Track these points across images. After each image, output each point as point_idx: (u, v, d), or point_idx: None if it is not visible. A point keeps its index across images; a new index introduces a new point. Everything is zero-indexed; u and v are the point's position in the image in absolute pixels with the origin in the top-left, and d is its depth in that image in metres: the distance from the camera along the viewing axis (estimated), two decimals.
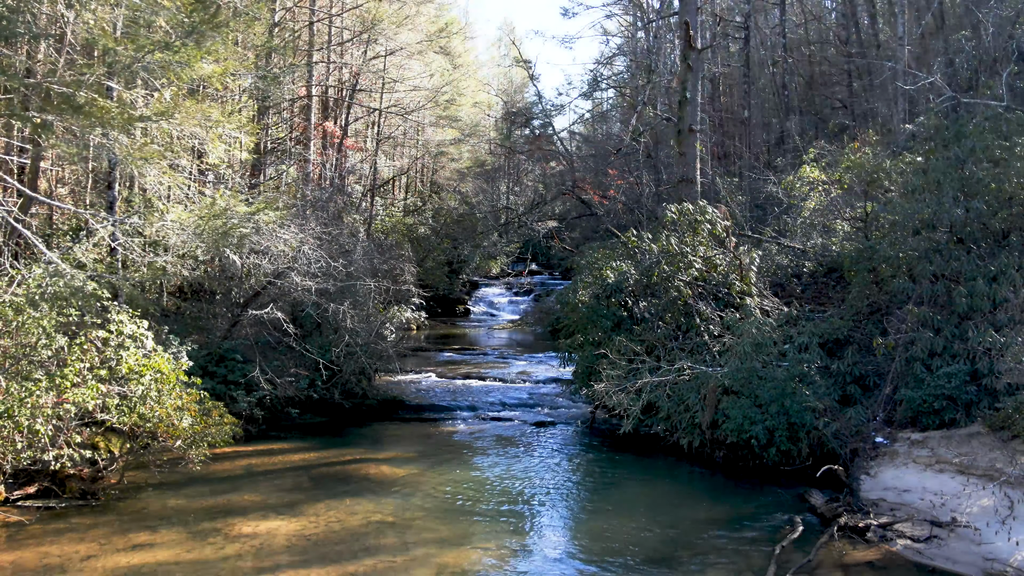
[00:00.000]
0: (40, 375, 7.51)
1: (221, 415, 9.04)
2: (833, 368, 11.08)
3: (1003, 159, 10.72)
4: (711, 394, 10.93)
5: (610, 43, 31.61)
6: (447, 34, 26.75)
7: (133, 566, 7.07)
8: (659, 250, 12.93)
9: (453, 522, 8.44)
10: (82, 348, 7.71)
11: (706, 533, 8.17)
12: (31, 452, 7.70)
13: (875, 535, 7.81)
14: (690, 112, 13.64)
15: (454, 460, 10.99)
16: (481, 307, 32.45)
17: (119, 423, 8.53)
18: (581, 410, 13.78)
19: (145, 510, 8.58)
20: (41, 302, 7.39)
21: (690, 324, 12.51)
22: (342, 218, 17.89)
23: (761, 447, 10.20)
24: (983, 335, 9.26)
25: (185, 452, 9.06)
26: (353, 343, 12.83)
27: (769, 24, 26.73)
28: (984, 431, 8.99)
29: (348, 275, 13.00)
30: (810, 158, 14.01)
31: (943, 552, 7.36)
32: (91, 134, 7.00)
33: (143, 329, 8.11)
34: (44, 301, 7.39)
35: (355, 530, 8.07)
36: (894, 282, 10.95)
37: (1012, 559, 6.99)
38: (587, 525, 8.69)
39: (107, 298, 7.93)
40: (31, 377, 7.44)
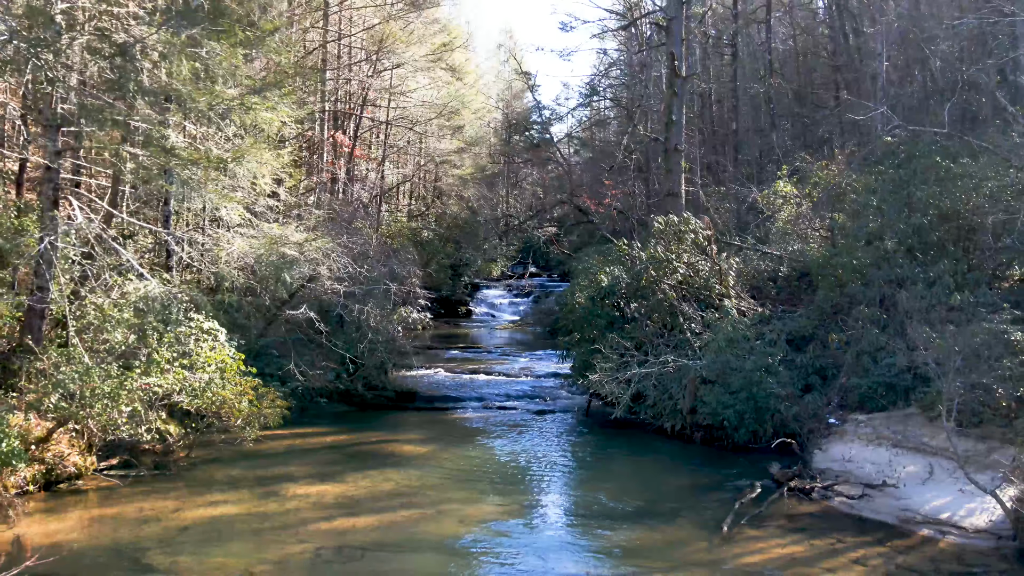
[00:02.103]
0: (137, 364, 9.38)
1: (274, 399, 10.92)
2: (798, 361, 12.97)
3: (945, 180, 12.63)
4: (691, 384, 12.83)
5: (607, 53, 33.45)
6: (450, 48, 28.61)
7: (215, 516, 8.94)
8: (647, 257, 14.82)
9: (470, 487, 10.32)
10: (168, 342, 9.58)
11: (682, 495, 10.06)
12: (128, 428, 9.56)
13: (818, 494, 9.71)
14: (675, 133, 15.55)
15: (466, 441, 12.87)
16: (482, 308, 34.28)
17: (190, 405, 10.39)
18: (578, 400, 15.64)
19: (211, 478, 10.44)
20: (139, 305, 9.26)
21: (674, 323, 14.38)
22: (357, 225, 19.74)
23: (732, 428, 12.09)
24: (918, 331, 11.14)
25: (241, 431, 10.91)
26: (375, 340, 14.70)
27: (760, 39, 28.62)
28: (917, 412, 10.89)
29: (370, 279, 14.88)
30: (783, 175, 15.89)
31: (870, 506, 9.25)
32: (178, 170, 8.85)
33: (216, 326, 9.99)
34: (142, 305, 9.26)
35: (389, 492, 9.95)
36: (849, 286, 12.85)
37: (921, 508, 8.89)
38: (581, 489, 10.58)
39: (188, 302, 9.81)
40: (130, 366, 9.31)
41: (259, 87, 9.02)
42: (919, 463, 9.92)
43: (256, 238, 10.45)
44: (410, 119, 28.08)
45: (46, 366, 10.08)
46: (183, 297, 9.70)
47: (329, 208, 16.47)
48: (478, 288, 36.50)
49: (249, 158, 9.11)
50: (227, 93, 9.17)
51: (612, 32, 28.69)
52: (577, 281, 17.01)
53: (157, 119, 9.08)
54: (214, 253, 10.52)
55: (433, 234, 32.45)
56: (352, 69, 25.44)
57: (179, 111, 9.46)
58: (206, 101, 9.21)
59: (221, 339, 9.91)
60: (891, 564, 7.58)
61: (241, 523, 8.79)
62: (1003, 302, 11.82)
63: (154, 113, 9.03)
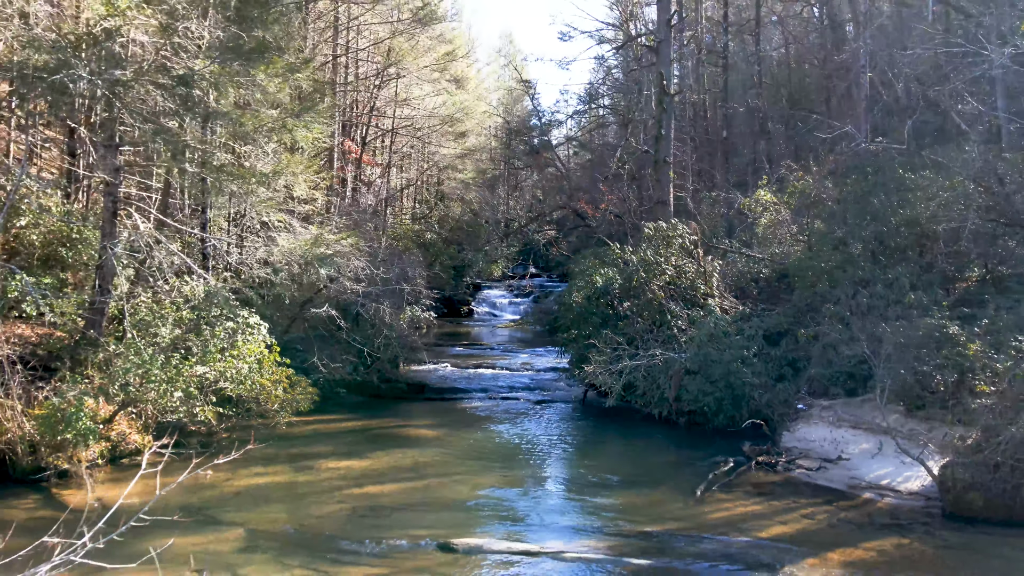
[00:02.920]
0: (194, 354, 10.97)
1: (305, 387, 12.49)
2: (772, 354, 14.56)
3: (904, 191, 14.22)
4: (676, 374, 14.41)
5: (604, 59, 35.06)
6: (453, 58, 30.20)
7: (261, 484, 10.51)
8: (638, 260, 16.41)
9: (479, 462, 11.90)
10: (218, 335, 11.15)
11: (665, 469, 11.64)
12: (184, 411, 11.14)
13: (782, 467, 11.29)
14: (664, 147, 17.14)
15: (474, 426, 14.45)
16: (484, 308, 35.88)
17: (233, 392, 11.97)
18: (575, 391, 17.22)
19: (252, 456, 11.93)
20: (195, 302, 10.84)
21: (663, 320, 15.95)
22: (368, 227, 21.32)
23: (712, 413, 13.69)
24: (859, 325, 12.73)
25: (276, 416, 12.48)
26: (390, 336, 16.28)
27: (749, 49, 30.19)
28: (873, 398, 12.47)
29: (384, 280, 16.46)
30: (764, 184, 17.48)
31: (825, 476, 10.83)
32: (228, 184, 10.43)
33: (259, 320, 11.57)
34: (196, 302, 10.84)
35: (408, 466, 11.53)
36: (819, 286, 14.44)
37: (867, 477, 10.47)
38: (577, 465, 12.17)
39: (235, 300, 11.38)
40: (185, 356, 10.89)
41: (297, 111, 10.60)
42: (871, 441, 11.50)
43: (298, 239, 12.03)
44: (414, 126, 29.67)
45: (108, 356, 11.67)
46: (230, 295, 11.26)
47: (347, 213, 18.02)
48: (480, 288, 38.10)
49: (287, 172, 10.69)
50: (269, 115, 10.75)
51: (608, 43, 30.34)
52: (574, 282, 18.62)
53: (210, 140, 10.65)
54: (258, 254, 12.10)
55: (436, 236, 34.05)
56: (359, 78, 27.04)
57: (226, 132, 11.02)
58: (252, 124, 10.79)
59: (263, 332, 11.50)
60: (834, 518, 9.17)
61: (284, 489, 10.37)
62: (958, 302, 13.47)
63: (207, 135, 10.60)
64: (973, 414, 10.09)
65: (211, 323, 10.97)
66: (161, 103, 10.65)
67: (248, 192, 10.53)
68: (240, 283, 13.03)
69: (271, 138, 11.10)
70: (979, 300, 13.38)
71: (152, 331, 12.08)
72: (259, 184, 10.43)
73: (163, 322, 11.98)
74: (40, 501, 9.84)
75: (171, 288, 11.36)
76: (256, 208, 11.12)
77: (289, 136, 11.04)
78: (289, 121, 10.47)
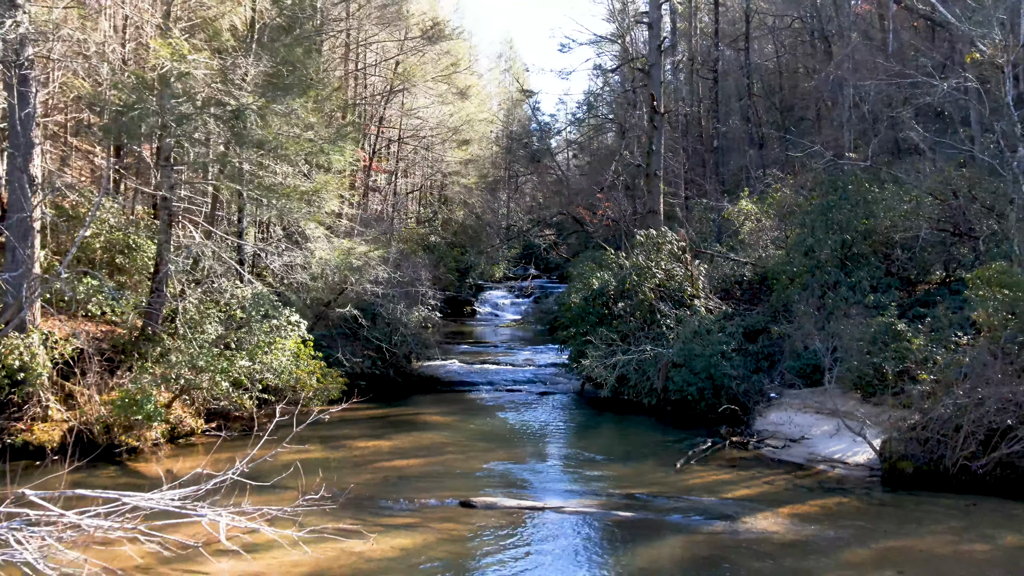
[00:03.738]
0: (241, 348, 12.88)
1: (335, 377, 14.40)
2: (750, 349, 16.50)
3: (870, 203, 16.15)
4: (664, 368, 16.33)
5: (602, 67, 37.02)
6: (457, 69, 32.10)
7: (304, 458, 12.38)
8: (631, 265, 18.33)
9: (488, 443, 13.81)
10: (265, 330, 13.06)
11: (652, 448, 13.54)
12: (235, 398, 13.04)
13: (752, 446, 13.21)
14: (655, 161, 19.04)
15: (483, 414, 16.36)
16: (486, 308, 37.75)
17: (273, 382, 13.87)
18: (573, 384, 19.12)
19: (289, 436, 13.90)
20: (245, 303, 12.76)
21: (653, 319, 17.87)
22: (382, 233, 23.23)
23: (695, 402, 15.60)
24: (837, 324, 14.66)
25: (309, 403, 14.37)
26: (405, 333, 18.19)
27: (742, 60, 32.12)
28: (835, 387, 14.39)
29: (400, 283, 18.37)
30: (745, 195, 19.42)
31: (788, 452, 12.75)
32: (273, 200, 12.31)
33: (299, 319, 13.47)
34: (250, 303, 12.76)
35: (428, 445, 13.44)
36: (791, 289, 16.37)
37: (822, 452, 12.40)
38: (574, 445, 14.08)
39: (278, 301, 13.29)
40: (238, 348, 12.80)
41: (333, 137, 12.49)
42: (830, 424, 13.40)
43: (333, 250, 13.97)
44: (420, 136, 31.60)
45: (165, 350, 13.57)
46: (273, 296, 13.18)
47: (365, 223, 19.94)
48: (482, 289, 39.98)
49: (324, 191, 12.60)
50: (308, 141, 12.67)
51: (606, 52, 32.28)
52: (573, 284, 20.53)
53: (256, 162, 12.56)
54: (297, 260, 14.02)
55: (440, 239, 35.97)
56: (368, 88, 28.97)
57: (270, 155, 12.92)
58: (294, 149, 12.70)
59: (302, 330, 13.41)
60: (790, 484, 11.08)
61: (323, 464, 12.24)
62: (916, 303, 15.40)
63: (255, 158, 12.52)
64: (913, 399, 12.00)
65: (258, 321, 12.88)
66: (215, 130, 12.57)
67: (292, 208, 12.42)
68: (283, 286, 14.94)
69: (309, 161, 13.01)
70: (934, 301, 15.31)
71: (199, 329, 14.02)
72: (300, 201, 12.33)
73: (209, 320, 13.94)
74: (118, 471, 11.73)
75: (224, 290, 13.27)
76: (296, 221, 13.04)
77: (325, 158, 12.94)
78: (326, 146, 12.38)
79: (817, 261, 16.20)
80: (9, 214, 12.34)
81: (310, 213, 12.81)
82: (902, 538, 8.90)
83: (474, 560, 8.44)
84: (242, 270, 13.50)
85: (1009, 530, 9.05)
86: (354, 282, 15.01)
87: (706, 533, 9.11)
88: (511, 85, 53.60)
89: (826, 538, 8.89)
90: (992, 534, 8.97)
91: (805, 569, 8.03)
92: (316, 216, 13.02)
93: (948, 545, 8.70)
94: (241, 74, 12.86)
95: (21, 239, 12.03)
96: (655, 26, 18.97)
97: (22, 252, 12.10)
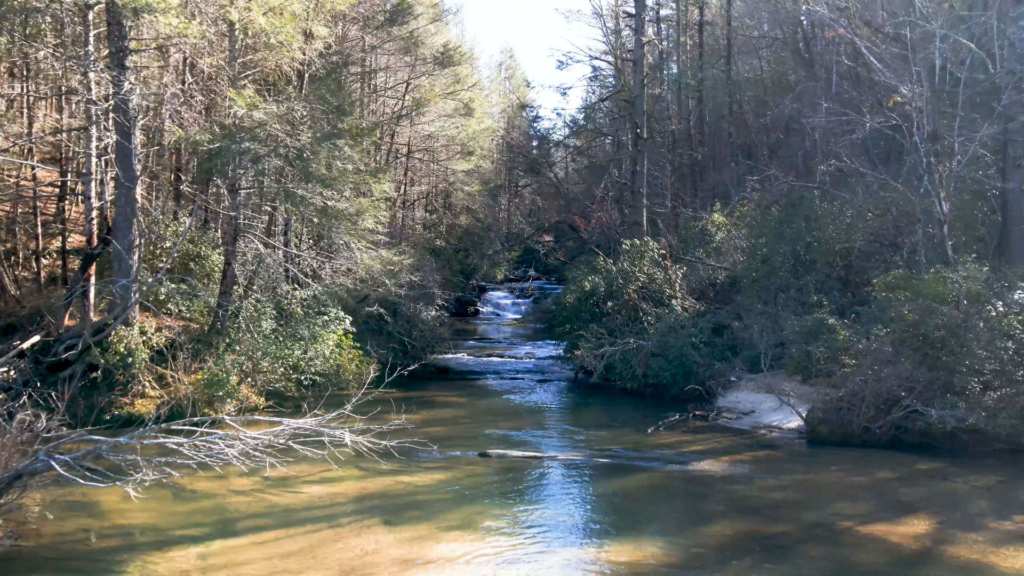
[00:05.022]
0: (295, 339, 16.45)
1: (372, 363, 17.95)
2: (717, 342, 20.06)
3: (820, 218, 19.71)
4: (644, 357, 19.88)
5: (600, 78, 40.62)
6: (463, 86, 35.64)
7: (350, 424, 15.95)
8: (617, 270, 21.88)
9: (497, 416, 17.35)
10: (320, 324, 16.60)
11: (631, 420, 17.08)
12: (292, 380, 16.57)
13: (712, 418, 16.77)
14: (638, 180, 22.60)
15: (491, 396, 19.90)
16: (488, 308, 41.30)
17: (321, 368, 17.40)
18: (568, 373, 22.66)
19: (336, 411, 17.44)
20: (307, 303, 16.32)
21: (636, 316, 21.42)
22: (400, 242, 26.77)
23: (669, 385, 19.15)
24: (786, 321, 18.21)
25: (348, 386, 17.90)
26: (423, 329, 21.74)
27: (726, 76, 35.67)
28: (781, 371, 17.97)
29: (419, 285, 21.92)
30: (717, 209, 23.00)
31: (739, 423, 16.31)
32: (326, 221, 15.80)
33: (344, 315, 17.02)
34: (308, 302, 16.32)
35: (448, 417, 16.99)
36: (750, 290, 19.95)
37: (764, 421, 15.96)
38: (568, 418, 17.63)
39: (327, 300, 16.86)
40: (293, 339, 16.36)
41: (374, 170, 15.98)
42: (775, 401, 16.95)
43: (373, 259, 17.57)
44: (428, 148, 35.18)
45: (231, 342, 17.09)
46: (325, 297, 16.76)
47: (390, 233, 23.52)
48: (484, 290, 43.54)
49: (366, 213, 16.15)
50: (355, 173, 16.22)
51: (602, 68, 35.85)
52: (568, 286, 24.09)
53: (311, 190, 16.11)
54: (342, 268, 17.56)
55: (445, 243, 39.54)
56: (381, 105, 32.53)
57: (322, 185, 16.45)
58: (341, 180, 16.26)
59: (347, 323, 16.96)
60: (734, 443, 14.63)
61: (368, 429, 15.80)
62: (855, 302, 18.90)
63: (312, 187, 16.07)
64: (835, 379, 15.55)
65: (312, 316, 16.43)
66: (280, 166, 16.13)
67: (338, 227, 15.97)
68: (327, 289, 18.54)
69: (353, 189, 16.57)
70: (867, 301, 18.86)
71: (257, 323, 17.57)
72: (348, 221, 15.86)
73: (264, 316, 17.50)
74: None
75: (285, 291, 16.83)
76: (341, 235, 16.61)
77: (367, 187, 16.51)
78: (368, 178, 15.92)
79: (772, 267, 19.76)
80: (115, 232, 15.87)
81: (354, 230, 16.34)
82: (806, 475, 12.47)
83: (490, 487, 11.99)
84: (299, 275, 17.07)
85: (885, 469, 12.62)
86: (388, 285, 18.57)
87: (662, 472, 12.69)
88: (511, 94, 57.22)
89: (751, 475, 12.45)
90: (872, 472, 12.53)
91: (729, 491, 11.58)
92: (358, 233, 16.55)
93: (837, 477, 12.28)
94: (298, 117, 16.41)
95: (127, 252, 15.58)
96: (639, 63, 22.51)
97: (127, 262, 15.66)
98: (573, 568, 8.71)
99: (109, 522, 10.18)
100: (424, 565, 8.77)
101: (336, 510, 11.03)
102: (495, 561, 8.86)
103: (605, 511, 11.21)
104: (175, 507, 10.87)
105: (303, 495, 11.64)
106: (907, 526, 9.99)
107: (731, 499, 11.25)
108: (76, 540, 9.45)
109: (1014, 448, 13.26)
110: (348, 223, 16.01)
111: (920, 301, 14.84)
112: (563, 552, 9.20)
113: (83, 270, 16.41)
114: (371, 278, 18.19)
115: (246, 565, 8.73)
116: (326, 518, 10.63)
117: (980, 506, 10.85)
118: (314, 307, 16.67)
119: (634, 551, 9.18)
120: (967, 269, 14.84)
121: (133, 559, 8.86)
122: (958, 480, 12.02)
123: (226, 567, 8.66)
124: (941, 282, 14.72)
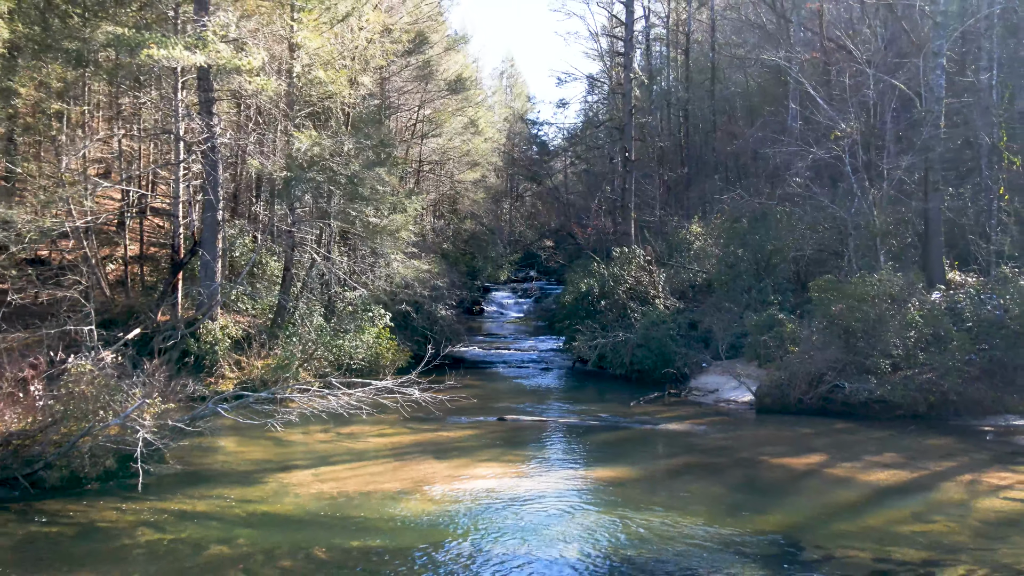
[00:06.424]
0: (343, 332, 20.93)
1: (405, 353, 22.43)
2: (693, 335, 24.56)
3: (779, 230, 24.19)
4: (630, 348, 24.36)
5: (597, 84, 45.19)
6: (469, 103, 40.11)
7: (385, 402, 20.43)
8: (608, 274, 26.36)
9: (508, 394, 21.82)
10: (365, 318, 21.07)
11: (619, 398, 21.55)
12: (337, 367, 21.04)
13: (683, 396, 21.24)
14: (627, 196, 27.05)
15: (501, 380, 24.38)
16: (492, 307, 45.71)
17: (364, 355, 21.85)
18: (566, 362, 27.13)
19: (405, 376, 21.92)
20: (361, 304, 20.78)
21: (624, 313, 25.88)
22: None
23: (651, 371, 23.61)
24: (747, 316, 22.68)
25: (384, 371, 22.34)
26: (443, 324, 26.22)
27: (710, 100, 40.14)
28: (742, 358, 22.46)
29: (438, 287, 26.40)
30: (695, 220, 27.48)
31: (704, 399, 20.79)
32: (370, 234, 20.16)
33: (384, 311, 21.47)
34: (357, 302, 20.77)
35: (469, 395, 21.34)
36: (721, 290, 24.44)
37: (724, 397, 20.44)
38: (566, 396, 22.12)
39: (368, 301, 21.34)
40: (345, 330, 20.86)
41: (408, 192, 20.39)
42: (735, 382, 21.45)
43: (407, 268, 22.05)
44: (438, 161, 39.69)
45: (290, 334, 21.51)
46: (370, 299, 21.24)
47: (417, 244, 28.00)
48: (488, 290, 47.99)
49: (402, 228, 20.61)
50: (392, 195, 20.67)
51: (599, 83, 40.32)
52: (567, 287, 28.59)
53: (359, 210, 20.56)
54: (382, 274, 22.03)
55: (452, 246, 44.02)
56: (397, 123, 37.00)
57: (366, 204, 20.89)
58: (382, 200, 20.71)
59: (386, 319, 21.44)
60: (697, 412, 19.10)
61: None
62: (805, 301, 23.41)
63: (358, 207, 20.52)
64: (782, 363, 20.00)
65: (360, 313, 20.88)
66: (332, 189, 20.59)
67: (381, 241, 20.42)
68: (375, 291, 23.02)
69: (391, 208, 21.05)
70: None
71: (309, 319, 22.03)
72: (388, 235, 20.31)
73: (315, 314, 21.99)
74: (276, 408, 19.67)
75: (336, 293, 21.28)
76: (387, 249, 21.12)
77: (402, 207, 20.98)
78: (403, 200, 20.37)
79: (738, 272, 24.26)
80: (203, 244, 20.31)
81: (393, 243, 20.79)
82: (747, 432, 16.95)
83: (509, 439, 16.46)
84: (347, 279, 21.56)
85: (808, 428, 17.11)
86: (417, 288, 23.05)
87: (638, 430, 17.17)
88: (513, 102, 61.73)
89: (705, 432, 16.93)
90: (798, 430, 17.02)
91: (686, 442, 16.04)
92: (398, 246, 21.01)
93: (771, 433, 16.76)
94: (346, 150, 20.88)
95: (213, 260, 20.03)
96: (627, 96, 26.93)
97: (212, 269, 20.11)
98: (569, 480, 13.19)
99: (239, 458, 14.62)
100: (467, 480, 13.21)
101: (398, 451, 15.49)
102: (514, 478, 13.31)
103: (593, 452, 15.68)
104: (280, 450, 15.34)
105: (371, 443, 16.11)
106: (807, 459, 14.48)
107: (686, 445, 15.73)
108: (222, 466, 13.90)
109: (913, 414, 17.75)
110: (391, 238, 20.48)
111: (846, 300, 19.32)
112: (562, 472, 13.68)
113: (172, 275, 20.85)
114: (404, 283, 22.69)
115: (347, 480, 13.18)
116: (393, 456, 15.11)
117: (866, 448, 15.32)
118: (360, 306, 21.13)
119: (612, 473, 13.66)
120: (881, 275, 19.33)
121: (267, 477, 13.29)
122: (859, 434, 16.52)
123: (334, 479, 13.11)
124: (862, 284, 19.19)
